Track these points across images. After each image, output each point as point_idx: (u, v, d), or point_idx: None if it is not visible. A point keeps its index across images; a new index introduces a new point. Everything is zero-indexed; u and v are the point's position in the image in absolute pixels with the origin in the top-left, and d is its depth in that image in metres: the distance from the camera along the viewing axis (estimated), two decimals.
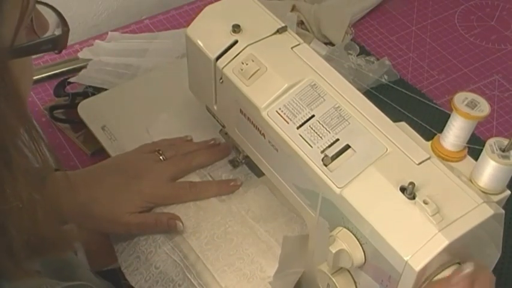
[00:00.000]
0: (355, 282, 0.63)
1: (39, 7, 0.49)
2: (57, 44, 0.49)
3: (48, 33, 0.49)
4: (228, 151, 0.85)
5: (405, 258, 0.54)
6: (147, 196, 0.78)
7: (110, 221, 0.77)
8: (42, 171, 0.48)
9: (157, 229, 0.78)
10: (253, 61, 0.68)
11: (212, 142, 0.86)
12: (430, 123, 0.92)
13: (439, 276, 0.57)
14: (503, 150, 0.58)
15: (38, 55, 0.56)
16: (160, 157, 0.82)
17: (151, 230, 0.79)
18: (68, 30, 0.50)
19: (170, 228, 0.77)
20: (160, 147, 0.83)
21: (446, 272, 0.57)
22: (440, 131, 0.64)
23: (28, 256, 0.49)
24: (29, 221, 0.47)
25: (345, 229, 0.60)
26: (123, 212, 0.77)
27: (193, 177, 0.83)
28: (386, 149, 0.61)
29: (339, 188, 0.60)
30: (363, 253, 0.59)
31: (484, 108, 0.60)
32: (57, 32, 0.49)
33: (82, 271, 0.66)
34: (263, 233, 0.79)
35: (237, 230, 0.79)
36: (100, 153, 0.91)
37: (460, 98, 0.61)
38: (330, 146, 0.62)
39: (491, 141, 0.59)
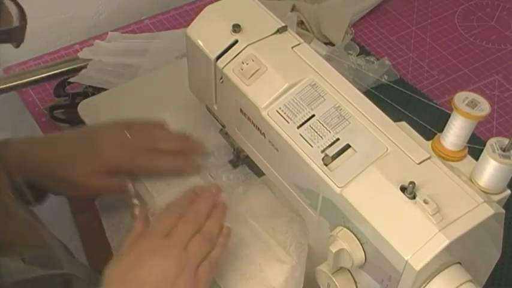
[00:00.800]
0: (355, 282, 0.63)
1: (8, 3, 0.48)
2: (13, 35, 0.49)
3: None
4: (194, 168, 0.84)
5: (405, 258, 0.54)
6: (102, 160, 0.78)
7: (66, 181, 0.77)
8: None
9: (109, 190, 0.79)
10: (253, 61, 0.68)
11: (185, 137, 0.85)
12: (430, 123, 0.91)
13: (439, 276, 0.57)
14: (504, 150, 0.58)
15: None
16: (127, 134, 0.82)
17: (104, 192, 0.80)
18: (26, 23, 0.49)
19: (121, 189, 0.78)
20: (130, 125, 0.83)
21: (447, 272, 0.57)
22: (441, 130, 0.64)
23: None
24: None
25: (345, 229, 0.60)
26: (80, 174, 0.77)
27: (193, 177, 0.83)
28: (387, 149, 0.61)
29: (339, 187, 0.60)
30: (363, 253, 0.59)
31: (484, 108, 0.60)
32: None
33: (62, 255, 0.66)
34: (263, 233, 0.79)
35: (236, 230, 0.79)
36: None
37: (461, 98, 0.61)
38: (330, 145, 0.62)
39: (492, 141, 0.59)
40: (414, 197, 0.56)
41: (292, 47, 0.70)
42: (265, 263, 0.76)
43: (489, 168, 0.58)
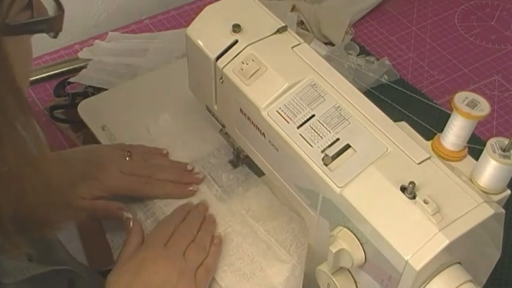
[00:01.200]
0: (355, 281, 0.63)
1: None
2: (52, 25, 0.50)
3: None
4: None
5: (405, 258, 0.54)
6: (101, 184, 0.79)
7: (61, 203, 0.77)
8: (33, 146, 0.49)
9: (106, 217, 0.80)
10: (253, 61, 0.68)
11: (188, 167, 0.86)
12: (430, 123, 0.91)
13: (439, 276, 0.57)
14: (504, 150, 0.58)
15: (36, 55, 0.56)
16: (127, 158, 0.83)
17: (100, 216, 0.80)
18: (63, 13, 0.51)
19: (118, 217, 0.78)
20: (132, 150, 0.84)
21: (447, 272, 0.57)
22: (441, 130, 0.64)
23: (17, 229, 0.50)
24: (16, 190, 0.49)
25: (345, 229, 0.60)
26: (76, 197, 0.78)
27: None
28: (387, 149, 0.61)
29: (339, 187, 0.60)
30: (363, 253, 0.59)
31: (484, 107, 0.60)
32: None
33: (66, 255, 0.67)
34: (263, 232, 0.79)
35: (237, 230, 0.79)
36: None
37: (460, 98, 0.61)
38: (330, 145, 0.62)
39: (492, 141, 0.59)
40: (414, 197, 0.56)
41: (292, 47, 0.70)
42: (266, 262, 0.76)
43: (489, 168, 0.58)
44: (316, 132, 0.63)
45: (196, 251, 0.74)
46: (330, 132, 0.63)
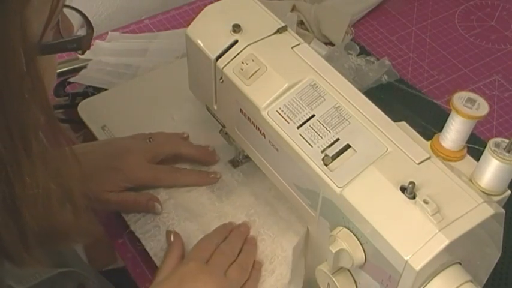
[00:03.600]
0: (355, 281, 0.63)
1: (65, 10, 0.51)
2: (82, 44, 0.52)
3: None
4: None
5: (405, 258, 0.54)
6: (126, 176, 0.79)
7: (88, 198, 0.77)
8: (58, 161, 0.50)
9: (136, 209, 0.80)
10: (253, 61, 0.68)
11: (209, 148, 0.86)
12: (430, 122, 0.92)
13: (439, 276, 0.57)
14: (506, 150, 0.58)
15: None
16: (148, 140, 0.83)
17: (130, 210, 0.80)
18: (93, 31, 0.53)
19: (148, 209, 0.79)
20: (153, 136, 0.84)
21: (447, 272, 0.57)
22: (440, 130, 0.64)
23: (39, 244, 0.50)
24: (44, 209, 0.49)
25: (345, 229, 0.60)
26: (102, 190, 0.78)
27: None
28: (387, 149, 0.61)
29: (339, 187, 0.60)
30: (363, 253, 0.59)
31: (483, 107, 0.60)
32: (81, 33, 0.52)
33: (75, 259, 0.67)
34: (285, 210, 0.80)
35: (259, 211, 0.80)
36: None
37: (460, 98, 0.61)
38: (330, 145, 0.62)
39: (493, 141, 0.58)
40: (414, 197, 0.56)
41: (292, 47, 0.70)
42: (286, 242, 0.77)
43: (491, 169, 0.58)
44: (316, 132, 0.63)
45: (239, 271, 0.72)
46: (330, 132, 0.63)
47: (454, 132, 0.62)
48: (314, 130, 0.63)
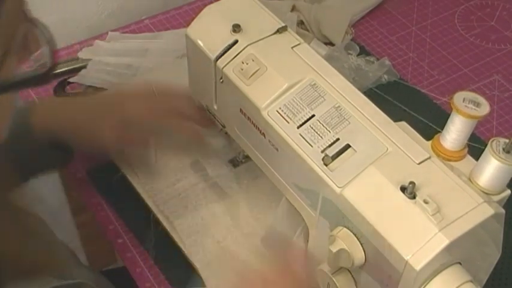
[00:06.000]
0: (355, 281, 0.63)
1: (27, 25, 0.48)
2: (40, 80, 0.48)
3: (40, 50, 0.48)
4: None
5: (405, 258, 0.54)
6: (128, 111, 0.79)
7: (91, 134, 0.78)
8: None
9: (132, 143, 0.81)
10: (253, 61, 0.68)
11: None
12: (430, 122, 0.92)
13: (439, 276, 0.57)
14: (506, 150, 0.58)
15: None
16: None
17: (128, 144, 0.81)
18: (54, 66, 0.48)
19: (143, 143, 0.79)
20: (159, 90, 0.84)
21: (447, 272, 0.57)
22: (441, 130, 0.64)
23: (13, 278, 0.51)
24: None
25: (345, 229, 0.60)
26: (104, 126, 0.78)
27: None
28: (387, 149, 0.61)
29: (339, 187, 0.60)
30: (363, 253, 0.59)
31: (483, 107, 0.60)
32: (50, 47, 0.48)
33: (81, 269, 0.66)
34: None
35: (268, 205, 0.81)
36: None
37: (460, 98, 0.61)
38: (330, 145, 0.62)
39: (493, 141, 0.59)
40: (414, 197, 0.56)
41: (292, 47, 0.70)
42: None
43: (490, 168, 0.58)
44: (316, 132, 0.63)
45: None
46: (330, 132, 0.63)
47: (454, 132, 0.62)
48: (314, 130, 0.63)
